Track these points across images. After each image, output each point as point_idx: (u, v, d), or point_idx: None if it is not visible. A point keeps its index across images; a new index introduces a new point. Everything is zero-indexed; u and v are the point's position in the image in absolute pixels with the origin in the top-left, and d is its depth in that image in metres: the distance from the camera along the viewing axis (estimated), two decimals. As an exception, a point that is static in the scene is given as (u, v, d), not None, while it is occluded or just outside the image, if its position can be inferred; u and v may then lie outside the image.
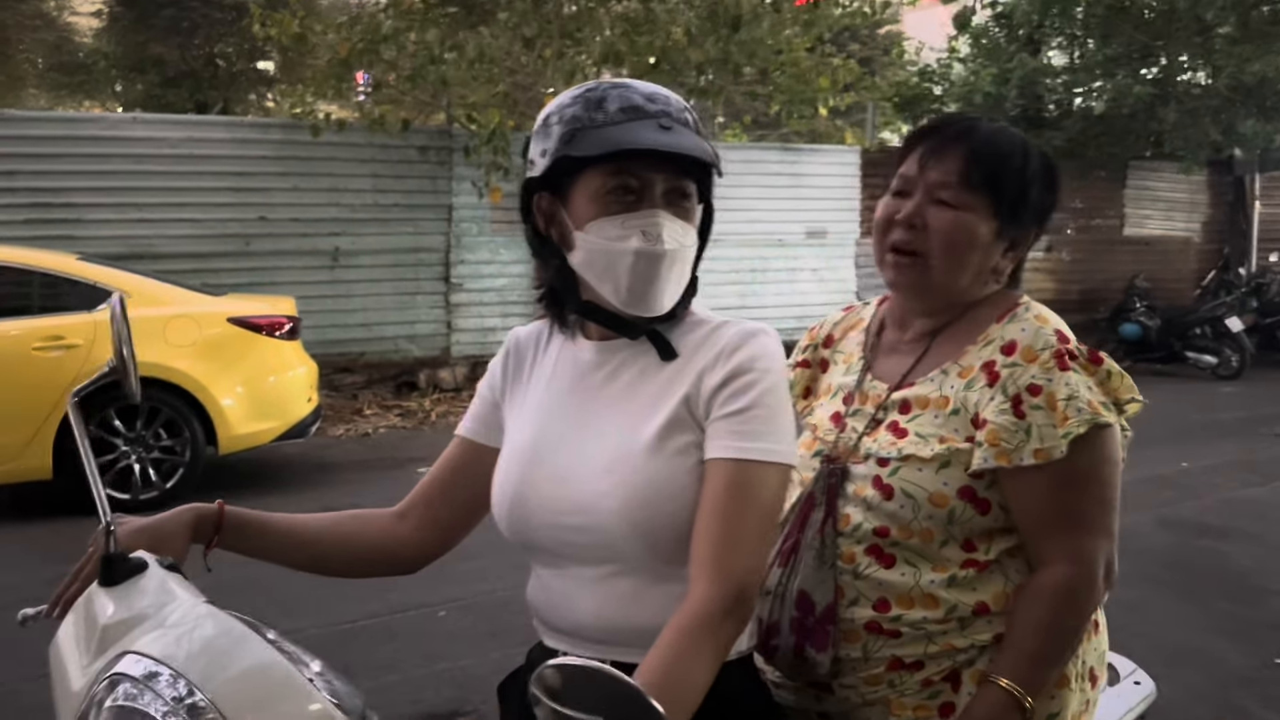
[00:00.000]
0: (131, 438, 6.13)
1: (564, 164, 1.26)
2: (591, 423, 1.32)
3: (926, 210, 1.46)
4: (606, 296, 1.30)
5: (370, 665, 3.84)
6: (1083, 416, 1.36)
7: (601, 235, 1.26)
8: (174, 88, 20.23)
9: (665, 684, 1.07)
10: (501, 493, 1.36)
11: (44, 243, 7.83)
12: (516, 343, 1.49)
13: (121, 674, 1.02)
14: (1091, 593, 1.38)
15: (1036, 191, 1.49)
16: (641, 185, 1.26)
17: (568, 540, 1.29)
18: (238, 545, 1.41)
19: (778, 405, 1.27)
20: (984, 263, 1.48)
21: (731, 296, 11.66)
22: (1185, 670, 3.82)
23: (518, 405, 1.43)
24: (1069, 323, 1.50)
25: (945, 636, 1.42)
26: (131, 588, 1.16)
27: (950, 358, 1.49)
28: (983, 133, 1.48)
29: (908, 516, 1.42)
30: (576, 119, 1.26)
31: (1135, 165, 14.71)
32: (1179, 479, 6.93)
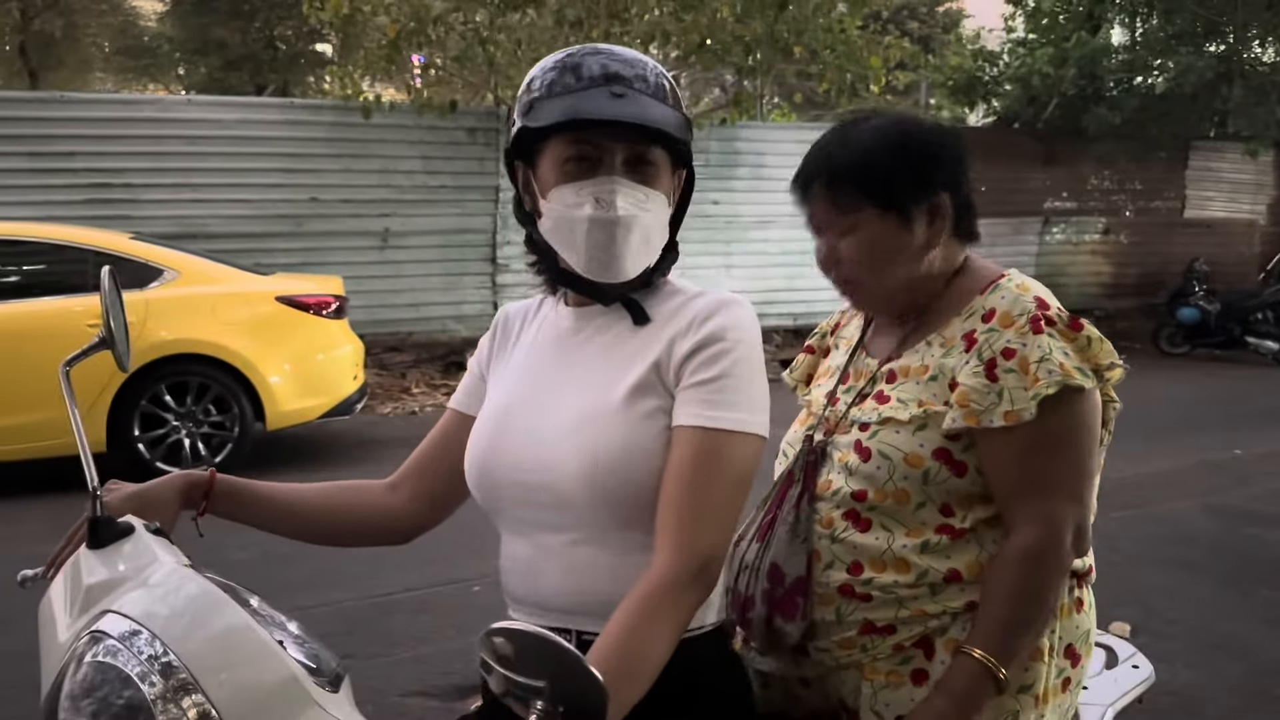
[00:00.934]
0: (182, 413, 6.29)
1: (525, 134, 1.29)
2: (563, 385, 1.33)
3: (835, 245, 1.51)
4: (572, 264, 1.32)
5: (406, 637, 3.92)
6: (1053, 378, 1.36)
7: (560, 203, 1.28)
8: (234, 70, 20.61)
9: (622, 653, 1.09)
10: (472, 455, 1.38)
11: (102, 222, 8.03)
12: (505, 317, 1.51)
13: (102, 632, 1.06)
14: (1057, 556, 1.38)
15: (908, 169, 1.47)
16: (599, 153, 1.27)
17: (531, 501, 1.30)
18: (228, 512, 1.44)
19: (749, 375, 1.27)
20: (910, 252, 1.49)
21: (779, 278, 11.61)
22: (1222, 658, 3.76)
23: (499, 374, 1.45)
24: (1125, 307, 1.51)
25: (916, 601, 1.43)
26: (117, 550, 1.20)
27: (934, 329, 1.52)
28: (833, 155, 1.51)
29: (883, 477, 1.44)
30: (540, 86, 1.28)
31: (1198, 145, 14.35)
32: (1230, 466, 6.78)
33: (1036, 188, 13.49)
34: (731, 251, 11.43)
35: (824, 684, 1.55)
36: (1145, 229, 14.32)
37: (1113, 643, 1.89)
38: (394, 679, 3.52)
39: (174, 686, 1.01)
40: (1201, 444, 7.36)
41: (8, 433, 5.83)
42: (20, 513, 5.57)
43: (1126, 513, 5.48)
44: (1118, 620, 4.01)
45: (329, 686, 1.10)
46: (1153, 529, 5.28)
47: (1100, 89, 13.29)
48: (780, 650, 1.53)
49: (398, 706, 3.31)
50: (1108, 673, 1.78)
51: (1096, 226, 14.03)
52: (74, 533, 1.31)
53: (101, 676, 1.03)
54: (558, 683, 0.89)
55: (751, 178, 11.45)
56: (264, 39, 20.57)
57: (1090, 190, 13.99)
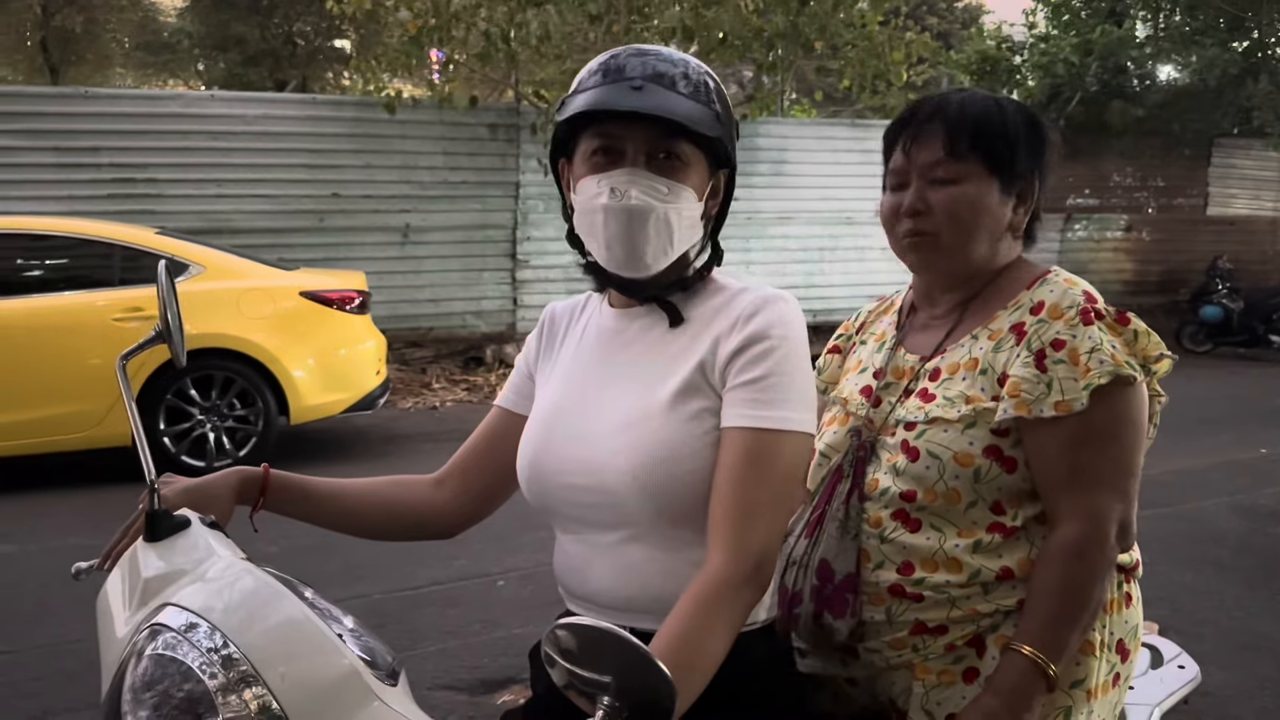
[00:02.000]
0: (207, 407, 6.30)
1: (559, 131, 1.33)
2: (609, 386, 1.34)
3: (926, 193, 1.49)
4: (596, 256, 1.34)
5: (434, 630, 3.93)
6: (1105, 368, 1.36)
7: (582, 194, 1.31)
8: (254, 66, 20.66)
9: (681, 652, 1.09)
10: (524, 456, 1.39)
11: (127, 217, 8.07)
12: (552, 316, 1.53)
13: (162, 624, 1.06)
14: (1102, 551, 1.37)
15: (1023, 141, 1.50)
16: (623, 148, 1.28)
17: (581, 502, 1.31)
18: (281, 508, 1.46)
19: (795, 372, 1.27)
20: (996, 224, 1.50)
21: (799, 275, 11.59)
22: (1254, 658, 3.73)
23: (547, 374, 1.47)
24: (1147, 304, 1.51)
25: (969, 601, 1.42)
26: (174, 544, 1.21)
27: (981, 323, 1.51)
28: (954, 104, 1.50)
29: (933, 478, 1.43)
30: (577, 85, 1.31)
31: (1221, 142, 14.25)
32: (1257, 465, 6.73)
33: (1058, 184, 13.41)
34: (751, 248, 11.41)
35: (873, 684, 1.54)
36: (1168, 226, 14.23)
37: (1158, 642, 1.88)
38: (421, 672, 3.52)
39: (235, 679, 1.01)
40: (1227, 443, 7.31)
41: (36, 425, 5.87)
42: (49, 505, 5.63)
43: (1153, 511, 5.44)
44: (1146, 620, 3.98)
45: (388, 680, 1.10)
46: (1180, 528, 5.24)
47: (1123, 83, 13.20)
48: (827, 648, 1.52)
49: (425, 699, 3.27)
50: (1153, 673, 1.77)
51: (1119, 223, 13.94)
52: (130, 526, 1.32)
53: (162, 670, 1.03)
54: (623, 678, 0.88)
55: (771, 174, 11.42)
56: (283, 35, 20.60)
57: (1113, 187, 13.91)
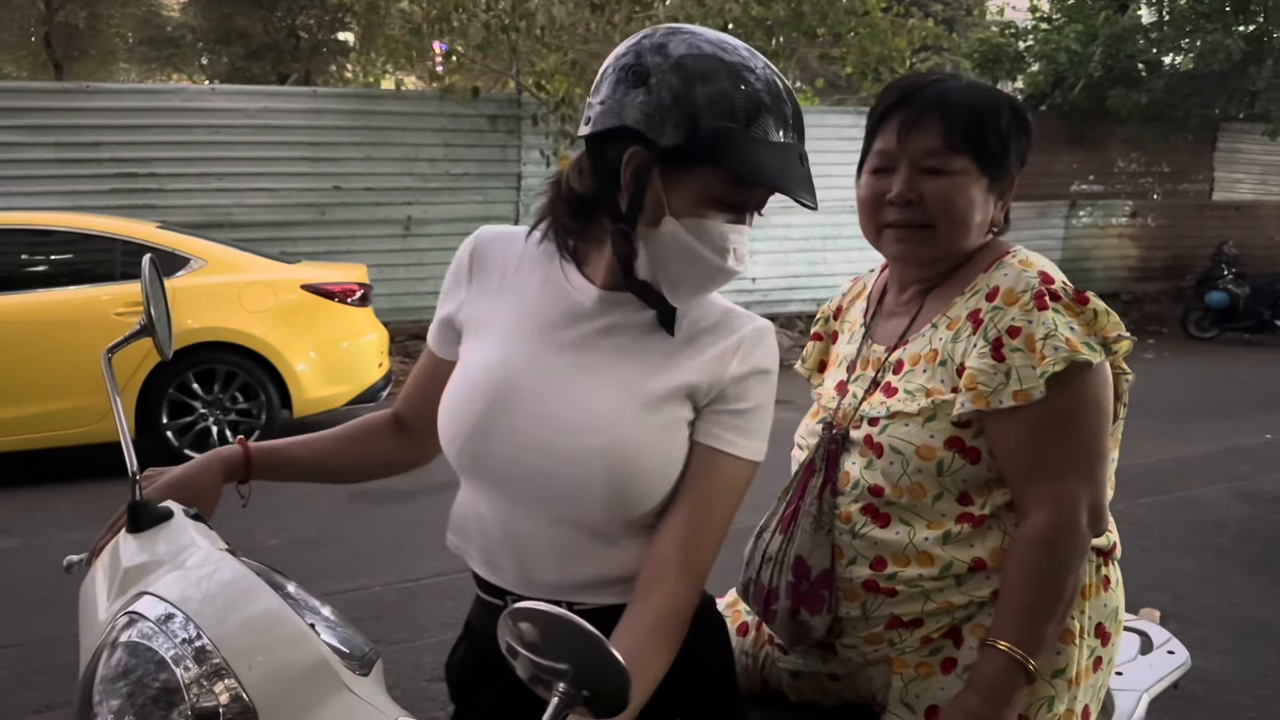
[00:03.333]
0: (209, 400, 6.34)
1: (697, 155, 1.18)
2: (584, 374, 1.27)
3: (918, 181, 1.45)
4: (661, 281, 1.25)
5: (432, 621, 3.94)
6: (1060, 354, 1.34)
7: (696, 236, 1.22)
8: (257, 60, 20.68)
9: (631, 663, 1.10)
10: (459, 415, 1.30)
11: (128, 211, 8.10)
12: (485, 246, 1.39)
13: (138, 613, 1.07)
14: (1073, 538, 1.35)
15: (1015, 140, 1.48)
16: (750, 199, 1.25)
17: (532, 484, 1.26)
18: (268, 475, 1.48)
19: (771, 405, 1.30)
20: (983, 219, 1.48)
21: (802, 264, 11.58)
22: (1254, 644, 3.73)
23: (482, 319, 1.36)
24: (1152, 291, 1.49)
25: (942, 593, 1.41)
26: (156, 534, 1.22)
27: (939, 311, 1.50)
28: (955, 93, 1.46)
29: (897, 473, 1.43)
30: (738, 116, 1.18)
31: (1226, 127, 14.19)
32: (1261, 451, 6.71)
33: (1063, 171, 13.36)
34: (754, 237, 10.99)
35: (853, 680, 1.54)
36: (1173, 212, 14.16)
37: (1148, 628, 1.87)
38: (421, 663, 3.54)
39: (207, 671, 1.01)
40: (1231, 429, 7.29)
41: (38, 420, 5.90)
42: (51, 500, 5.65)
43: (1156, 498, 5.44)
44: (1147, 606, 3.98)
45: (360, 670, 1.10)
46: (1182, 514, 5.24)
47: (1128, 70, 13.14)
48: (805, 644, 1.52)
49: (424, 691, 3.33)
50: (1143, 658, 1.77)
51: (1123, 210, 13.89)
52: (116, 520, 1.33)
53: (136, 659, 1.04)
54: (581, 666, 0.88)
55: (774, 163, 11.37)
56: (286, 28, 20.61)
57: (1117, 173, 13.85)
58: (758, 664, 1.67)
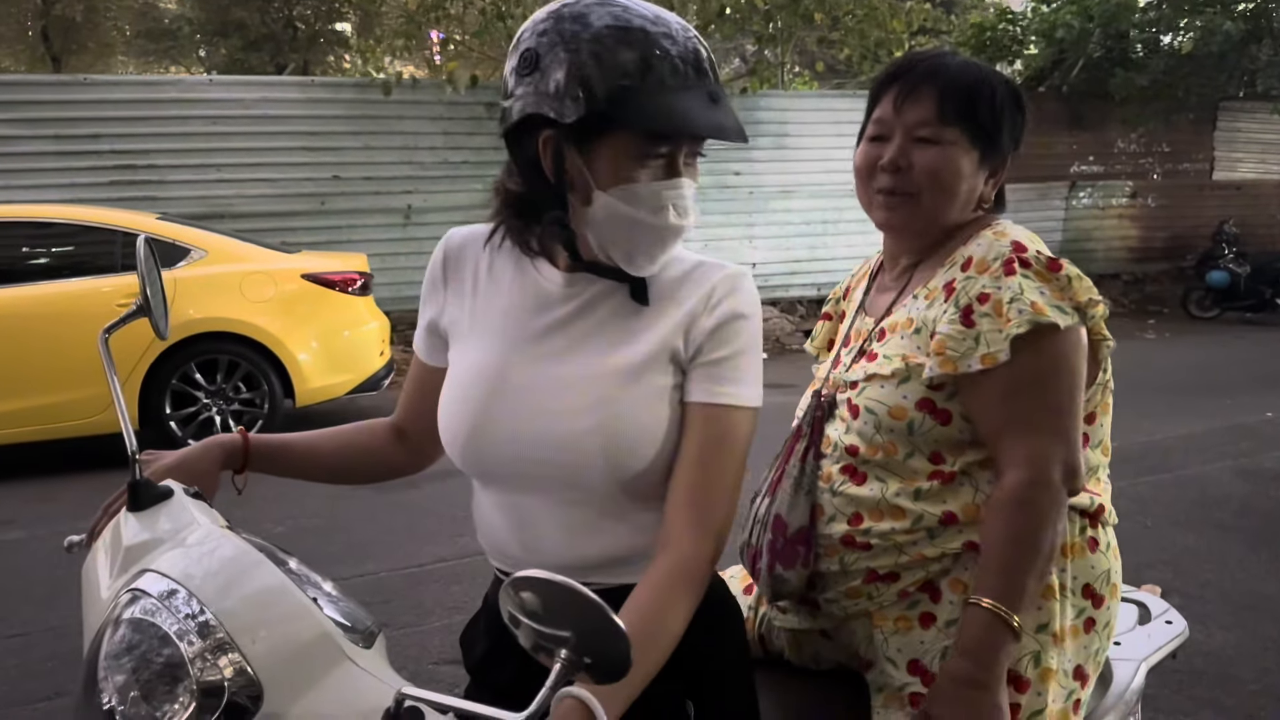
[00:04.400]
0: (212, 390, 6.36)
1: (603, 121, 1.16)
2: (565, 357, 1.28)
3: (910, 151, 1.49)
4: (613, 256, 1.25)
5: (438, 606, 3.96)
6: (1024, 317, 1.36)
7: (628, 203, 1.20)
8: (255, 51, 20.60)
9: (647, 626, 1.11)
10: (456, 420, 1.31)
11: (128, 203, 8.10)
12: (454, 247, 1.40)
13: (141, 590, 1.08)
14: (1046, 494, 1.37)
15: (1008, 117, 1.51)
16: (673, 151, 1.22)
17: (536, 474, 1.27)
18: (264, 467, 1.48)
19: (757, 349, 1.29)
20: (970, 193, 1.51)
21: (802, 248, 11.57)
22: (1255, 619, 3.74)
23: (464, 322, 1.37)
24: (1153, 271, 1.50)
25: (915, 547, 1.45)
26: (156, 513, 1.23)
27: (922, 283, 1.53)
28: (952, 68, 1.50)
29: (870, 432, 1.47)
30: (622, 66, 1.15)
31: (1226, 106, 14.15)
32: (1262, 429, 6.72)
33: (1063, 152, 13.33)
34: (754, 222, 11.39)
35: (840, 635, 1.58)
36: (1173, 192, 14.14)
37: (1145, 599, 1.88)
38: (427, 647, 3.56)
39: (211, 645, 1.03)
40: (1232, 407, 7.29)
41: (42, 412, 5.92)
42: (57, 491, 5.68)
43: (1157, 476, 5.45)
44: (1149, 582, 3.99)
45: (363, 643, 1.12)
46: (1184, 492, 5.25)
47: (1126, 50, 13.09)
48: (785, 599, 1.57)
49: (431, 674, 3.35)
50: (1140, 628, 1.78)
51: (1124, 190, 13.87)
52: (115, 499, 1.34)
53: (140, 635, 1.05)
54: (582, 632, 0.89)
55: (774, 147, 11.38)
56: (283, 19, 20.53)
57: (1117, 154, 13.82)
58: (756, 621, 1.72)
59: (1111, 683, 1.58)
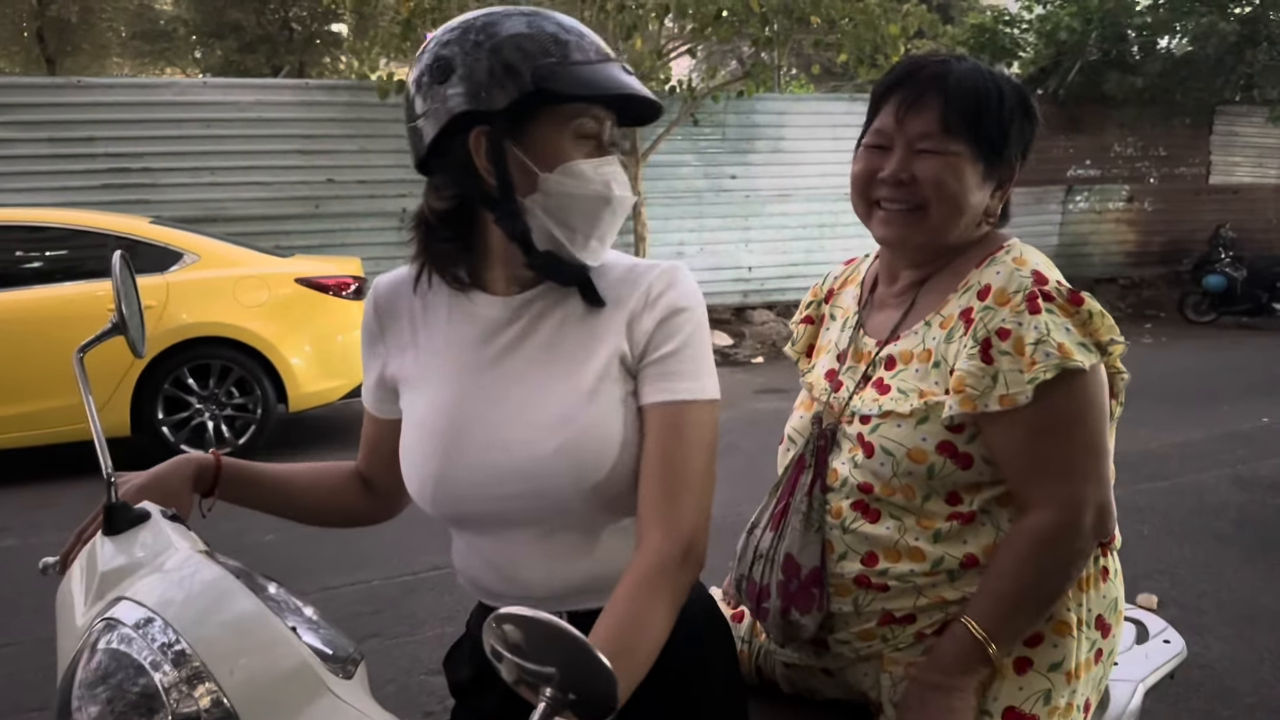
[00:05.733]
0: (205, 396, 6.32)
1: (533, 101, 1.18)
2: (517, 384, 1.26)
3: (912, 162, 1.42)
4: (562, 241, 1.23)
5: (431, 616, 3.94)
6: (1050, 361, 1.30)
7: (573, 177, 1.21)
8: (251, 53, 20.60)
9: (624, 634, 1.09)
10: (420, 472, 1.29)
11: (121, 206, 8.08)
12: (383, 297, 1.38)
13: (115, 619, 1.05)
14: (1075, 540, 1.33)
15: (1016, 127, 1.44)
16: (600, 130, 1.24)
17: (507, 509, 1.26)
18: (233, 496, 1.44)
19: (704, 341, 1.27)
20: (977, 206, 1.44)
21: (799, 252, 11.56)
22: (1253, 630, 3.72)
23: (411, 370, 1.35)
24: (1150, 275, 1.46)
25: (935, 589, 1.40)
26: (132, 536, 1.20)
27: (933, 308, 1.46)
28: (956, 75, 1.42)
29: (888, 474, 1.40)
30: (547, 46, 1.18)
31: (1223, 110, 14.15)
32: (1259, 435, 6.70)
33: (1059, 155, 13.33)
34: (750, 225, 11.37)
35: (846, 675, 1.53)
36: (1170, 196, 14.14)
37: (1143, 617, 1.85)
38: (420, 657, 3.53)
39: (186, 675, 1.00)
40: (1229, 413, 7.27)
41: (34, 418, 5.88)
42: (49, 498, 5.64)
43: (1154, 484, 5.43)
44: (1145, 592, 3.98)
45: (343, 672, 1.09)
46: (1180, 500, 5.22)
47: (1123, 53, 13.09)
48: (797, 642, 1.51)
49: (423, 685, 3.32)
50: (1138, 648, 1.74)
51: (1120, 194, 13.87)
52: (90, 521, 1.31)
53: (115, 664, 1.02)
54: (567, 670, 0.87)
55: (770, 150, 11.38)
56: (279, 20, 20.53)
57: (1114, 157, 13.82)
58: (752, 653, 1.67)
59: (1109, 706, 1.55)
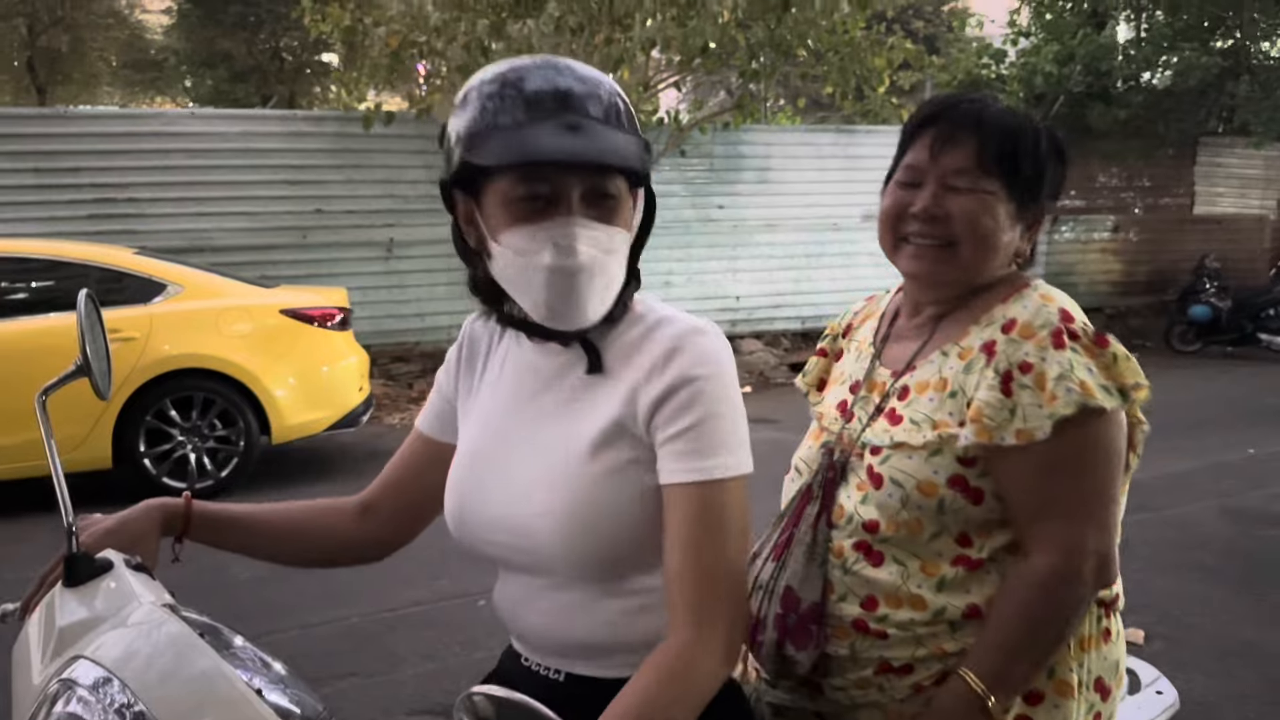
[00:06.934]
0: (187, 428, 6.27)
1: (468, 169, 1.17)
2: (528, 433, 1.25)
3: (945, 199, 1.39)
4: (527, 310, 1.21)
5: (411, 653, 3.89)
6: (1071, 397, 1.28)
7: (512, 248, 1.16)
8: (241, 82, 20.71)
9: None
10: (449, 505, 1.32)
11: (108, 237, 8.04)
12: (472, 335, 1.40)
13: (72, 680, 1.03)
14: (1074, 586, 1.30)
15: (1050, 169, 1.43)
16: (555, 191, 1.14)
17: (507, 557, 1.27)
18: (206, 538, 1.41)
19: (728, 410, 1.18)
20: (1009, 246, 1.43)
21: (786, 282, 11.57)
22: (1239, 665, 3.71)
23: (468, 404, 1.37)
24: (1136, 305, 1.44)
25: (935, 640, 1.36)
26: (94, 588, 1.18)
27: (952, 339, 1.43)
28: (992, 113, 1.41)
29: (895, 506, 1.36)
30: (483, 113, 1.15)
31: (1206, 141, 14.29)
32: (1245, 466, 6.71)
33: (1044, 186, 13.40)
34: (738, 255, 11.39)
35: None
36: (1155, 226, 14.25)
37: (1136, 666, 1.81)
38: (399, 696, 3.49)
39: (143, 739, 0.97)
40: (1215, 444, 7.29)
41: (13, 451, 5.80)
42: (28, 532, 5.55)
43: (1140, 515, 5.41)
44: (1132, 626, 3.96)
45: (308, 732, 1.07)
46: (1167, 533, 5.22)
47: (1106, 86, 13.22)
48: (790, 679, 1.47)
49: (402, 725, 3.28)
50: (1131, 699, 1.70)
51: (1106, 224, 13.96)
52: (51, 569, 1.28)
53: (71, 728, 1.00)
54: None
55: (757, 181, 11.42)
56: (270, 50, 20.63)
57: (1099, 188, 13.93)
58: None
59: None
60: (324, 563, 1.53)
